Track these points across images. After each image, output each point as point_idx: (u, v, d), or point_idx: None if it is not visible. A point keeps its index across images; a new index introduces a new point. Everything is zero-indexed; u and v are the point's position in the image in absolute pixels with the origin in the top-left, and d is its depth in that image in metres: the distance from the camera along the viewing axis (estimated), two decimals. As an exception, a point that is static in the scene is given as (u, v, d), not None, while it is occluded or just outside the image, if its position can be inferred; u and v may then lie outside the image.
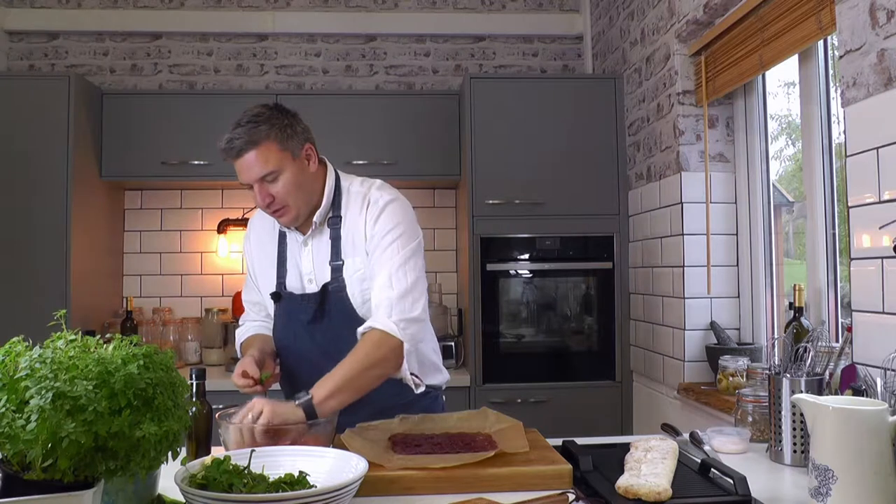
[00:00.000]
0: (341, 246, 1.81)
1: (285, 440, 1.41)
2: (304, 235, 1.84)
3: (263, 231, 1.94)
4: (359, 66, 3.88)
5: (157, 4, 3.79)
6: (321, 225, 1.84)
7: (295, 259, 1.86)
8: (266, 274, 1.91)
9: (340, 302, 1.79)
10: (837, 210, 2.16)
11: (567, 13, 3.93)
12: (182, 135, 3.34)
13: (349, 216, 1.82)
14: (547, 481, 1.35)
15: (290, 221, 1.80)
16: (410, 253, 1.75)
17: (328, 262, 1.81)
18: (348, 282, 1.79)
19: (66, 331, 1.11)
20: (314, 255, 1.84)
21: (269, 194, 1.73)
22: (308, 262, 1.84)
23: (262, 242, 1.94)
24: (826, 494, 1.19)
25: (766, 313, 2.59)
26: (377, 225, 1.77)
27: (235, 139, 1.71)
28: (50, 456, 0.97)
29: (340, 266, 1.80)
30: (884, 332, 1.58)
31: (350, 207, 1.83)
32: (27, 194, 3.09)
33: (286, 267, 1.87)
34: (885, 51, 1.57)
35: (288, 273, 1.86)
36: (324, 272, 1.82)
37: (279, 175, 1.73)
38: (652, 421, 2.97)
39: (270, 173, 1.72)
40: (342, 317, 1.78)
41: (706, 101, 2.64)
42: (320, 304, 1.80)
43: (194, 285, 3.72)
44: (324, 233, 1.84)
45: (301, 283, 1.85)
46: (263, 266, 1.93)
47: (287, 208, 1.76)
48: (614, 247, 3.23)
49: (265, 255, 1.92)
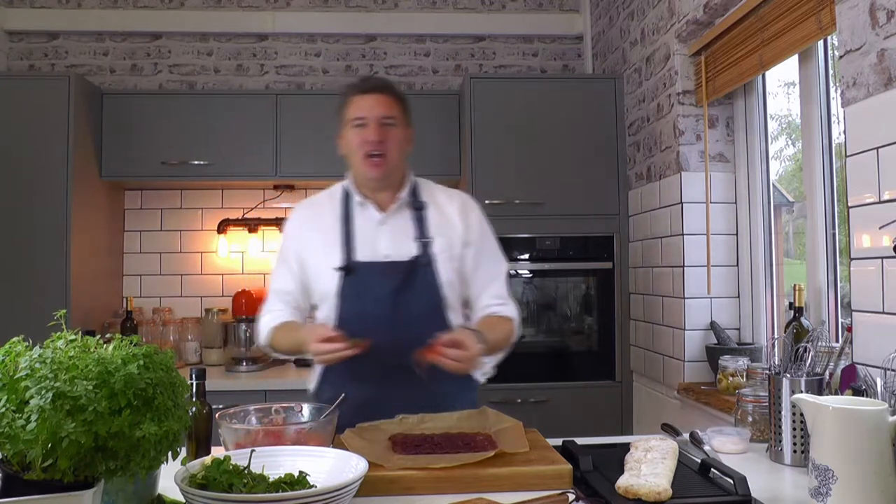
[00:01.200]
0: (428, 225, 1.91)
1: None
2: (383, 213, 1.92)
3: (320, 214, 1.97)
4: (359, 66, 3.88)
5: (157, 4, 3.79)
6: (403, 206, 1.93)
7: (369, 235, 1.90)
8: (327, 252, 1.90)
9: (428, 275, 1.86)
10: (837, 210, 2.16)
11: (567, 13, 3.93)
12: (182, 135, 3.34)
13: (436, 205, 1.96)
14: (547, 481, 1.35)
15: (381, 173, 1.89)
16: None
17: (414, 238, 1.89)
18: (436, 258, 1.88)
19: (66, 331, 1.11)
20: (394, 231, 1.91)
21: (382, 133, 1.86)
22: (386, 238, 1.90)
23: (317, 224, 1.96)
24: (826, 494, 1.19)
25: (766, 313, 2.59)
26: (481, 225, 1.99)
27: (374, 80, 1.95)
28: (50, 456, 0.97)
29: (429, 242, 1.89)
30: (884, 332, 1.58)
31: (436, 197, 1.98)
32: (27, 194, 3.09)
33: (354, 244, 1.89)
34: (885, 51, 1.57)
35: (357, 250, 1.88)
36: (408, 247, 1.89)
37: (395, 125, 1.89)
38: (652, 421, 2.97)
39: (392, 117, 1.88)
40: (426, 290, 1.86)
41: (706, 101, 2.64)
42: (408, 273, 1.85)
43: (194, 285, 3.72)
44: (403, 213, 1.93)
45: (376, 257, 1.88)
46: (323, 245, 1.91)
47: (387, 157, 1.87)
48: (614, 247, 3.23)
49: (324, 235, 1.92)
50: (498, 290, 1.96)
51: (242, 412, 1.55)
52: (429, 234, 1.90)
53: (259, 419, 1.56)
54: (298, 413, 1.59)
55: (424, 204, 1.95)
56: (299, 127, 3.36)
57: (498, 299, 1.95)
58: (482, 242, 1.97)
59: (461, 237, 1.93)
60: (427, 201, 1.96)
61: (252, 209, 3.72)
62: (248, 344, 3.28)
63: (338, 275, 1.86)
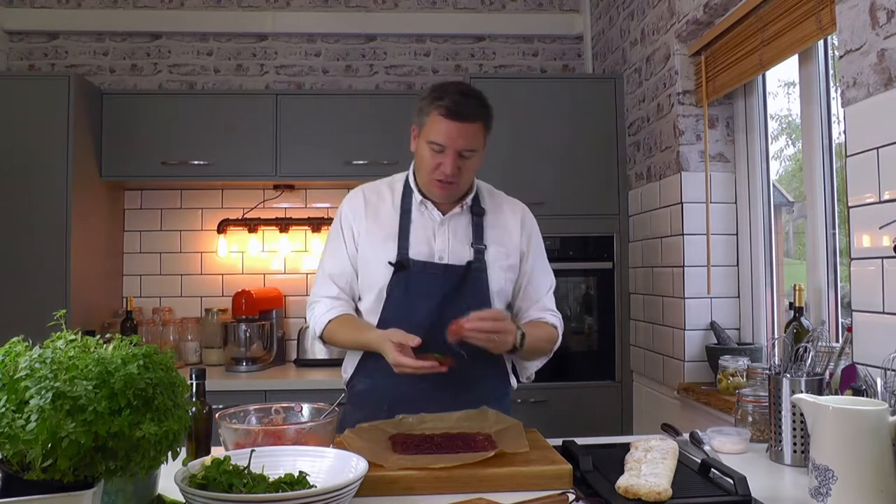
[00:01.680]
0: (485, 233, 1.90)
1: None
2: (444, 215, 1.89)
3: (381, 203, 1.93)
4: (359, 66, 3.88)
5: (157, 4, 3.79)
6: (463, 211, 1.91)
7: (426, 234, 1.88)
8: (381, 244, 1.87)
9: (479, 281, 1.86)
10: (837, 210, 2.16)
11: (567, 13, 3.93)
12: (182, 135, 3.34)
13: (497, 211, 1.95)
14: (547, 481, 1.35)
15: (448, 196, 1.86)
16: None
17: (469, 243, 1.88)
18: (489, 267, 1.87)
19: (66, 331, 1.11)
20: (451, 234, 1.88)
21: (458, 166, 1.79)
22: (444, 239, 1.88)
23: (378, 214, 1.91)
24: (826, 494, 1.19)
25: (766, 313, 2.59)
26: (537, 240, 1.98)
27: (466, 104, 1.78)
28: (50, 456, 0.97)
29: (483, 249, 1.88)
30: (884, 332, 1.58)
31: (498, 205, 1.96)
32: (27, 194, 3.09)
33: (409, 241, 1.86)
34: (885, 51, 1.57)
35: (412, 247, 1.86)
36: (463, 251, 1.87)
37: (475, 155, 1.83)
38: (652, 421, 2.97)
39: (472, 150, 1.81)
40: (476, 297, 1.84)
41: (706, 101, 2.64)
42: (461, 278, 1.84)
43: (194, 285, 3.72)
44: (463, 217, 1.91)
45: (431, 256, 1.86)
46: (379, 237, 1.88)
47: (459, 185, 1.84)
48: (614, 247, 3.23)
49: (381, 227, 1.89)
50: (545, 304, 1.97)
51: (242, 412, 1.55)
52: (485, 241, 1.89)
53: (259, 419, 1.56)
54: (298, 413, 1.58)
55: (484, 210, 1.93)
56: (299, 127, 3.36)
57: (544, 311, 1.95)
58: (536, 257, 1.97)
59: (518, 248, 1.93)
60: (488, 208, 1.94)
61: (252, 209, 3.72)
62: (248, 344, 3.28)
63: (389, 269, 1.84)
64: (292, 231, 3.72)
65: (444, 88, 1.82)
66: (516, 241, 1.93)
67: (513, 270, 1.92)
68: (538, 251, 1.98)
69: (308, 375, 3.16)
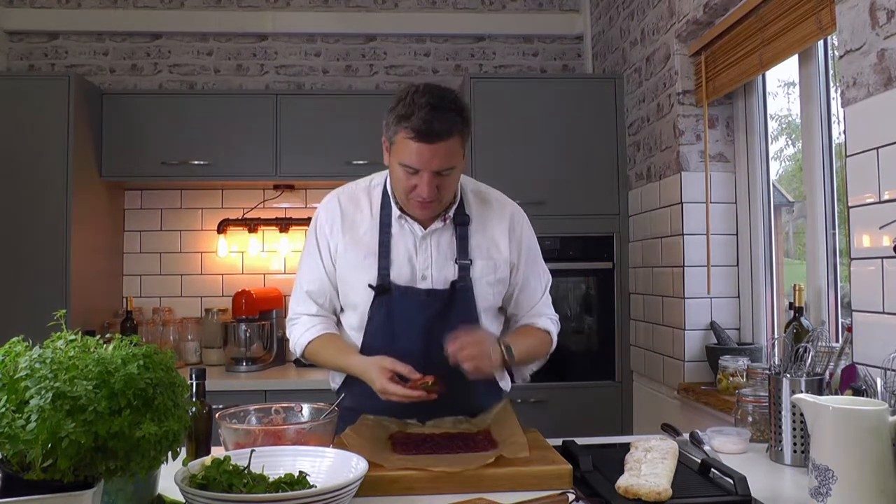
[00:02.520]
0: (470, 246, 1.76)
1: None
2: (426, 230, 1.75)
3: (358, 214, 1.78)
4: (359, 65, 3.88)
5: (157, 4, 3.79)
6: (447, 224, 1.77)
7: (407, 252, 1.74)
8: (360, 264, 1.75)
9: (465, 301, 1.74)
10: (837, 210, 2.16)
11: (567, 13, 3.93)
12: (182, 135, 3.34)
13: (482, 220, 1.79)
14: (547, 481, 1.35)
15: (430, 214, 1.72)
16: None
17: (453, 259, 1.75)
18: (475, 283, 1.75)
19: (66, 331, 1.11)
20: (434, 250, 1.75)
21: (436, 186, 1.63)
22: (426, 256, 1.75)
23: (355, 228, 1.77)
24: (826, 494, 1.19)
25: (766, 313, 2.59)
26: (528, 244, 1.85)
27: (436, 120, 1.57)
28: (50, 456, 0.97)
29: (468, 266, 1.75)
30: (884, 332, 1.58)
31: (485, 209, 1.80)
32: (27, 194, 3.09)
33: (390, 258, 1.74)
34: (885, 51, 1.57)
35: (393, 265, 1.73)
36: (447, 269, 1.75)
37: (454, 170, 1.66)
38: (652, 421, 2.97)
39: (451, 168, 1.64)
40: (463, 315, 1.73)
41: (706, 101, 2.64)
42: (448, 301, 1.73)
43: (194, 285, 3.72)
44: (446, 231, 1.76)
45: (413, 277, 1.74)
46: (356, 255, 1.76)
47: (439, 203, 1.69)
48: (614, 247, 3.23)
49: (359, 245, 1.76)
50: (539, 309, 1.87)
51: (242, 412, 1.55)
52: (470, 254, 1.75)
53: (259, 419, 1.56)
54: (298, 413, 1.59)
55: (469, 219, 1.78)
56: (299, 127, 3.36)
57: (537, 316, 1.86)
58: (528, 264, 1.84)
59: (507, 261, 1.79)
60: (473, 215, 1.79)
61: (252, 209, 3.72)
62: (248, 344, 3.28)
63: (370, 291, 1.73)
64: (292, 231, 3.72)
65: (411, 103, 1.59)
66: (505, 253, 1.79)
67: (502, 284, 1.80)
68: (530, 256, 1.85)
69: (308, 375, 3.16)
